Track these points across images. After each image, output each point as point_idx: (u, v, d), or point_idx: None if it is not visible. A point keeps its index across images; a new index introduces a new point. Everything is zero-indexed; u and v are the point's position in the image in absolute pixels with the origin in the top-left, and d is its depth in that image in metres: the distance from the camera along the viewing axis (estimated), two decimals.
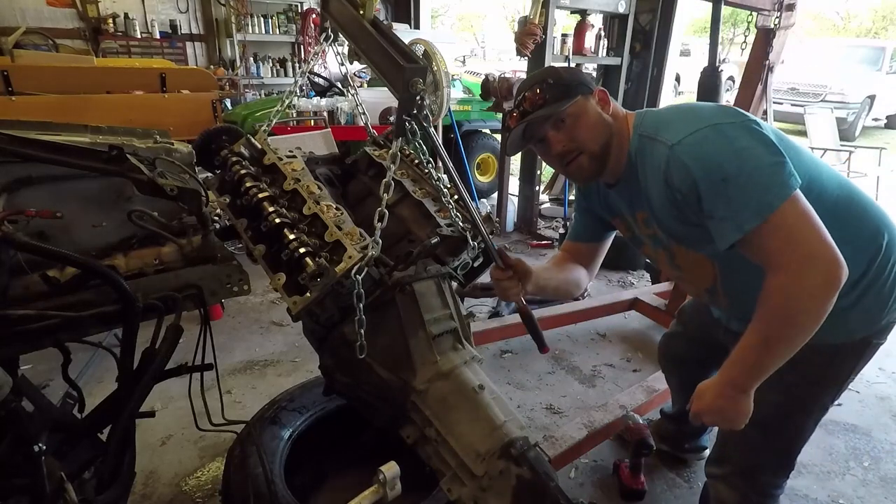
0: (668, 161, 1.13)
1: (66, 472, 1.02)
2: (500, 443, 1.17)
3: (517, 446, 1.16)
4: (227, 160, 1.45)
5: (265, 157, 1.47)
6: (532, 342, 1.44)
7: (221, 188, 1.42)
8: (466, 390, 1.25)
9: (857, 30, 19.33)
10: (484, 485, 1.17)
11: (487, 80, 4.29)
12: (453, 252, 1.44)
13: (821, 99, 9.70)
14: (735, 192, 1.04)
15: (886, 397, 2.74)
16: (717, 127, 1.10)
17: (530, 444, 1.18)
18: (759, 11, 2.68)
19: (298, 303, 1.13)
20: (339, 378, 1.31)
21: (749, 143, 1.07)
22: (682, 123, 1.15)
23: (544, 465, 1.17)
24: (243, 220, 1.32)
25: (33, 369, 2.48)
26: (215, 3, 7.05)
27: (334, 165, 1.72)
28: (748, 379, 1.11)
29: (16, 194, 1.18)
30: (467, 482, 1.18)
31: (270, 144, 1.51)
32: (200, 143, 1.53)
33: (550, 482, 1.14)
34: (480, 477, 1.16)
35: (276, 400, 1.93)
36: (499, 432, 1.18)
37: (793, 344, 1.05)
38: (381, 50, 1.19)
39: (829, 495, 2.09)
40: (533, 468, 1.15)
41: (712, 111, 1.17)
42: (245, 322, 3.21)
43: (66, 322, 1.06)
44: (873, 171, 6.20)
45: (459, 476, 1.20)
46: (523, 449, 1.16)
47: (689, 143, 1.11)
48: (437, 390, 1.25)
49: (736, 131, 1.09)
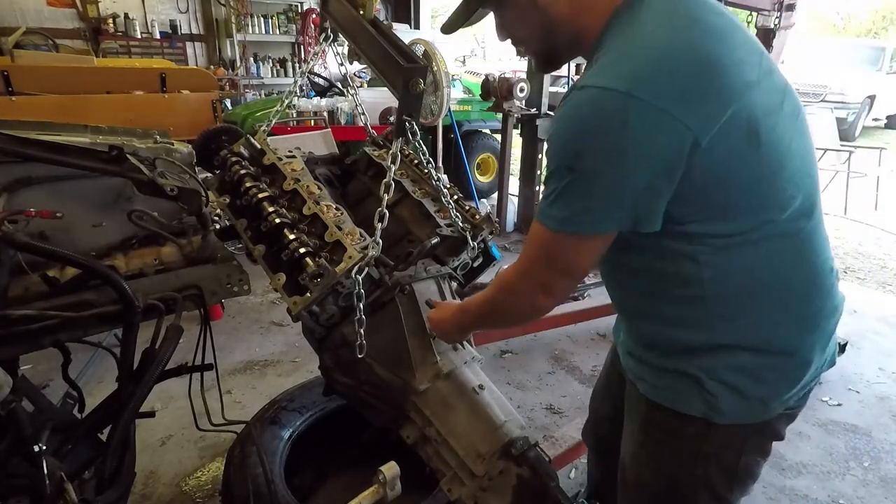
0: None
1: (66, 472, 1.02)
2: (501, 443, 1.17)
3: (517, 446, 1.16)
4: (227, 160, 1.45)
5: (265, 157, 1.47)
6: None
7: (221, 188, 1.42)
8: (466, 390, 1.25)
9: (857, 30, 19.32)
10: (484, 485, 1.17)
11: (487, 80, 4.29)
12: (453, 252, 1.44)
13: (821, 99, 9.69)
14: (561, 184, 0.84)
15: (886, 397, 2.73)
16: (613, 100, 0.77)
17: (530, 444, 1.18)
18: (759, 11, 2.68)
19: (298, 303, 1.13)
20: (339, 378, 1.31)
21: (617, 149, 0.78)
22: (609, 66, 0.81)
23: (544, 464, 1.17)
24: (243, 221, 1.32)
25: (33, 369, 2.48)
26: (215, 3, 7.05)
27: (334, 166, 1.72)
28: (469, 323, 1.17)
29: (16, 194, 1.18)
30: (467, 482, 1.18)
31: (270, 144, 1.51)
32: (200, 144, 1.54)
33: (551, 482, 1.14)
34: (481, 477, 1.16)
35: (276, 400, 1.93)
36: (499, 432, 1.18)
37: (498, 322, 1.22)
38: (380, 50, 1.19)
39: (829, 495, 2.09)
40: (533, 468, 1.15)
41: (652, 73, 0.77)
42: (245, 322, 3.21)
43: (66, 322, 1.07)
44: (873, 171, 6.20)
45: (459, 476, 1.20)
46: (523, 449, 1.16)
47: (574, 101, 0.82)
48: (438, 391, 1.25)
49: (622, 125, 0.76)
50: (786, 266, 0.89)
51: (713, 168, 0.79)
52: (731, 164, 0.80)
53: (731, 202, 0.83)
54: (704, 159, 0.78)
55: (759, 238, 0.85)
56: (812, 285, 0.92)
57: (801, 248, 0.90)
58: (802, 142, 0.89)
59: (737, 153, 0.80)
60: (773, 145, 0.82)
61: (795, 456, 2.29)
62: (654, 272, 0.93)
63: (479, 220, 1.46)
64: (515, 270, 0.98)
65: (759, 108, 0.80)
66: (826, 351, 0.98)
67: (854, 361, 3.02)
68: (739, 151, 0.80)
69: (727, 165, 0.80)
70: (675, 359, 0.97)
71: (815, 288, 0.93)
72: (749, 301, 0.90)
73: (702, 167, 0.79)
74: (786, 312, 0.91)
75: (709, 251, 0.86)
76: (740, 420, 0.96)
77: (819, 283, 0.93)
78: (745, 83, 0.80)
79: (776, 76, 0.87)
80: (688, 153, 0.77)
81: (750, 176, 0.82)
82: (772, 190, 0.84)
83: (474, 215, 1.48)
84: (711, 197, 0.83)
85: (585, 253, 0.89)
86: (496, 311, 1.09)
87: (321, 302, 1.17)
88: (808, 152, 0.91)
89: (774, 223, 0.85)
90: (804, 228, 0.89)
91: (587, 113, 0.80)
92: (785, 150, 0.85)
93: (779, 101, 0.86)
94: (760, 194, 0.84)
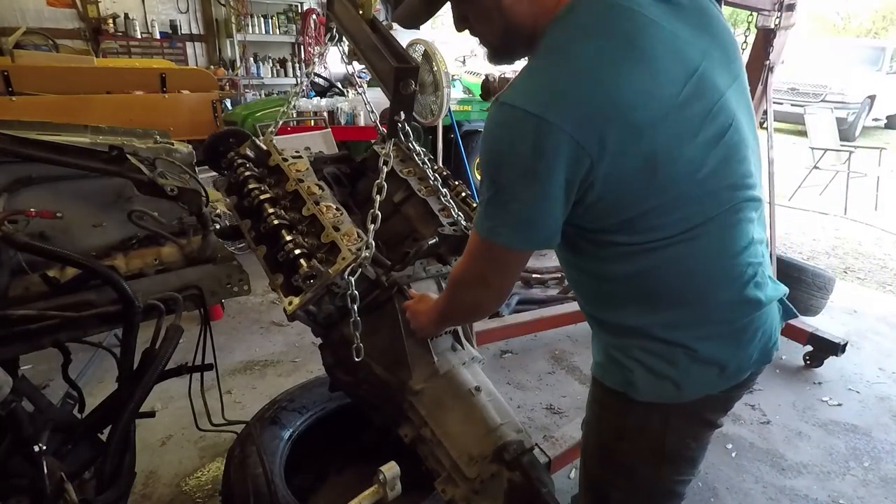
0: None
1: (66, 472, 1.02)
2: (494, 446, 1.16)
3: (510, 450, 1.15)
4: (233, 162, 1.46)
5: (271, 158, 1.48)
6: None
7: (229, 190, 1.43)
8: (462, 392, 1.24)
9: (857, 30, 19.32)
10: (476, 487, 1.16)
11: (487, 80, 4.29)
12: (457, 251, 1.44)
13: (821, 99, 9.70)
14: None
15: (886, 397, 2.74)
16: (526, 122, 0.80)
17: (525, 449, 1.17)
18: (759, 11, 2.67)
19: (294, 303, 1.13)
20: (340, 376, 1.32)
21: (529, 171, 0.82)
22: (526, 80, 0.85)
23: (538, 470, 1.16)
24: (247, 221, 1.33)
25: (33, 369, 2.48)
26: (215, 3, 7.05)
27: (343, 164, 1.72)
28: (437, 317, 1.17)
29: (16, 194, 1.19)
30: (460, 484, 1.18)
31: (278, 146, 1.51)
32: (209, 146, 1.56)
33: (542, 488, 1.13)
34: (472, 479, 1.16)
35: (276, 400, 1.93)
36: (493, 435, 1.18)
37: (457, 315, 1.19)
38: (376, 50, 1.19)
39: (830, 495, 2.09)
40: (525, 473, 1.14)
41: (561, 97, 0.80)
42: (245, 322, 3.21)
43: (66, 322, 1.07)
44: (873, 171, 6.20)
45: (453, 477, 1.20)
46: (517, 453, 1.15)
47: (493, 118, 0.86)
48: (433, 391, 1.25)
49: (534, 149, 0.80)
50: (681, 272, 0.93)
51: (608, 191, 0.84)
52: (626, 189, 0.85)
53: (630, 219, 0.88)
54: (599, 183, 0.83)
55: (657, 247, 0.90)
56: (711, 290, 0.95)
57: (702, 254, 0.92)
58: (726, 163, 0.88)
59: (632, 182, 0.84)
60: (671, 177, 0.85)
61: (795, 456, 2.30)
62: (583, 269, 1.03)
63: None
64: (459, 265, 1.04)
65: (662, 143, 0.82)
66: (742, 350, 0.99)
67: (854, 361, 3.02)
68: (634, 180, 0.84)
69: (622, 190, 0.85)
70: (605, 338, 1.07)
71: (713, 292, 0.95)
72: (650, 299, 0.96)
73: (598, 189, 0.84)
74: (682, 312, 0.96)
75: (618, 255, 0.93)
76: (657, 399, 1.00)
77: (720, 288, 0.95)
78: (648, 121, 0.80)
79: (710, 92, 0.85)
80: (583, 176, 0.82)
81: (645, 201, 0.86)
82: (668, 210, 0.87)
83: None
84: (610, 213, 0.88)
85: (510, 262, 0.96)
86: (452, 304, 1.12)
87: (318, 302, 1.18)
88: (723, 172, 0.89)
89: (670, 239, 0.89)
90: (705, 234, 0.90)
91: (503, 133, 0.84)
92: (685, 177, 0.86)
93: (698, 124, 0.84)
94: (657, 214, 0.87)
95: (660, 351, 0.98)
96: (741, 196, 0.92)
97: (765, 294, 0.98)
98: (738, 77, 0.93)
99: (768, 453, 2.31)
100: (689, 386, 0.99)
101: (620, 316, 1.02)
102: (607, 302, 1.04)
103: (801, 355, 2.98)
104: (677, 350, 0.97)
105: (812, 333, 2.90)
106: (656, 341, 0.98)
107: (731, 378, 1.01)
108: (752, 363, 1.02)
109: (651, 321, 0.98)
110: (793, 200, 6.11)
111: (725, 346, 0.98)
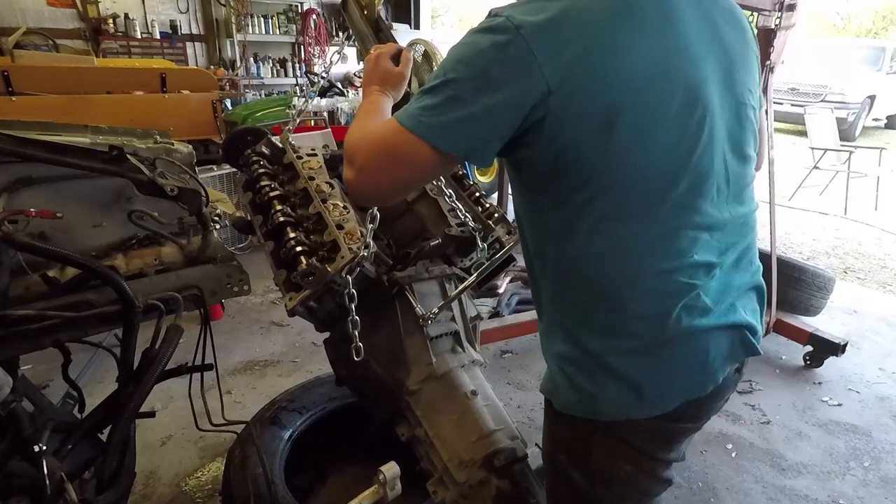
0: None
1: (66, 472, 1.02)
2: (484, 452, 1.16)
3: (501, 458, 1.15)
4: (249, 159, 1.47)
5: (286, 155, 1.49)
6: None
7: (245, 186, 1.44)
8: (458, 395, 1.25)
9: (857, 30, 19.32)
10: (465, 492, 1.17)
11: None
12: (464, 252, 1.43)
13: (821, 99, 9.70)
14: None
15: (886, 397, 2.73)
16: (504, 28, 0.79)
17: (517, 457, 1.17)
18: (759, 11, 2.67)
19: (294, 299, 1.14)
20: (342, 372, 1.32)
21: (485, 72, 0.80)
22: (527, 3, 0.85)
23: (527, 479, 1.16)
24: (258, 217, 1.34)
25: (33, 369, 2.48)
26: (215, 3, 7.04)
27: None
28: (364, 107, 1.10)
29: (16, 194, 1.19)
30: (450, 487, 1.19)
31: (295, 143, 1.52)
32: (227, 144, 1.59)
33: (530, 498, 1.13)
34: (461, 484, 1.16)
35: (276, 400, 1.93)
36: (485, 441, 1.18)
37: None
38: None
39: (830, 495, 2.09)
40: (514, 482, 1.14)
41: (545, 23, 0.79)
42: (245, 322, 3.21)
43: (66, 322, 1.07)
44: (873, 171, 6.20)
45: (444, 480, 1.20)
46: (507, 461, 1.15)
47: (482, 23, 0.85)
48: (429, 392, 1.25)
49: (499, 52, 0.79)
50: (605, 259, 0.86)
51: (558, 135, 0.80)
52: (578, 144, 0.80)
53: (573, 183, 0.83)
54: (551, 119, 0.79)
55: (587, 230, 0.85)
56: (630, 294, 0.87)
57: (631, 250, 0.85)
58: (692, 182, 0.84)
59: (586, 137, 0.80)
60: (626, 147, 0.80)
61: (795, 456, 2.30)
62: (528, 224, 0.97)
63: (494, 220, 1.46)
64: (363, 147, 0.89)
65: (629, 105, 0.79)
66: (663, 375, 0.89)
67: (854, 361, 3.02)
68: (588, 135, 0.79)
69: (574, 144, 0.80)
70: (547, 343, 1.02)
71: (633, 298, 0.87)
72: (569, 291, 0.91)
73: (549, 132, 0.80)
74: (599, 310, 0.89)
75: (551, 234, 0.89)
76: (578, 412, 0.93)
77: (642, 298, 0.87)
78: (625, 77, 0.79)
79: (694, 93, 0.82)
80: (535, 101, 0.78)
81: (592, 165, 0.82)
82: (613, 184, 0.82)
83: (493, 214, 1.47)
84: (557, 171, 0.83)
85: (415, 159, 0.84)
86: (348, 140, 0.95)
87: (319, 299, 1.18)
88: (678, 163, 0.84)
89: (610, 220, 0.84)
90: (641, 232, 0.85)
91: (479, 35, 0.82)
92: (643, 155, 0.81)
93: (673, 110, 0.81)
94: (601, 185, 0.82)
95: (579, 362, 0.91)
96: (692, 222, 0.86)
97: (696, 322, 0.87)
98: (740, 102, 0.89)
99: (768, 453, 2.31)
100: (606, 405, 0.90)
101: (542, 307, 0.98)
102: (535, 291, 0.98)
103: (801, 355, 2.98)
104: (591, 361, 0.90)
105: (812, 333, 2.90)
106: (576, 348, 0.91)
107: (654, 405, 0.90)
108: (677, 394, 0.90)
109: (568, 314, 0.92)
110: (793, 200, 6.11)
111: (642, 367, 0.88)
